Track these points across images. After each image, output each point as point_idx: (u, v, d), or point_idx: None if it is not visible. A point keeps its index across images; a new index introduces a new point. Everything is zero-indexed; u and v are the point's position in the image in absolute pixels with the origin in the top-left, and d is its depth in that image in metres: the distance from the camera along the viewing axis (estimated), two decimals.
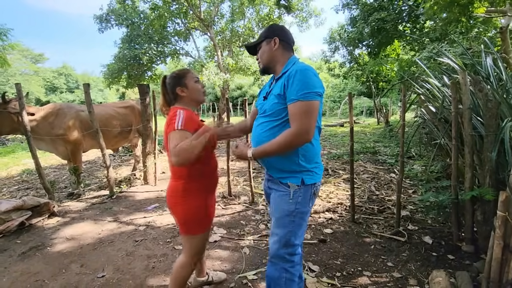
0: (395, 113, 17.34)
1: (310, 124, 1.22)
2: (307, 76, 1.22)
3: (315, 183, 1.38)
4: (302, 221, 1.38)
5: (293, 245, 1.37)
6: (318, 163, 1.42)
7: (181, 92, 1.50)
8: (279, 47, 1.40)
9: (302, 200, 1.35)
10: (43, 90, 36.75)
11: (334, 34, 14.30)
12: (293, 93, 1.22)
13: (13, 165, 6.74)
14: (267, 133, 1.35)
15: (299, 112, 1.21)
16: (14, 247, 2.56)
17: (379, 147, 6.88)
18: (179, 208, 1.48)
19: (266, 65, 1.45)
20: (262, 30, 1.48)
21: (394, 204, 3.27)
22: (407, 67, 8.04)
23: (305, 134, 1.21)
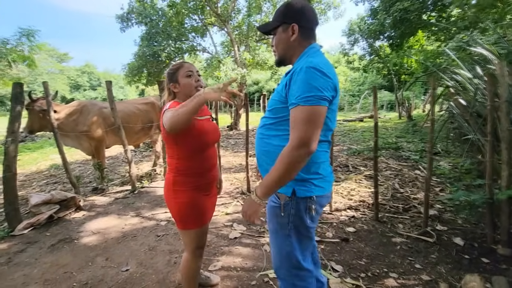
0: (418, 107, 16.70)
1: (311, 133, 1.00)
2: (312, 76, 1.01)
3: (311, 197, 1.14)
4: (301, 237, 1.19)
5: (296, 260, 1.20)
6: (321, 174, 1.18)
7: (174, 89, 1.49)
8: (298, 36, 1.17)
9: (296, 213, 1.15)
10: (68, 88, 38.32)
11: (354, 26, 13.84)
12: (293, 96, 1.04)
13: (41, 160, 7.06)
14: (263, 129, 1.24)
15: (298, 119, 1.02)
16: (44, 239, 2.67)
17: (401, 143, 6.62)
18: (171, 202, 1.48)
19: (282, 57, 1.25)
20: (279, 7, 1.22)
21: (420, 203, 3.13)
22: (433, 58, 7.66)
23: (305, 145, 1.00)
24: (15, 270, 2.19)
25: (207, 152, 1.50)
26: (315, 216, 1.20)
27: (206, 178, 1.52)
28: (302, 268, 1.22)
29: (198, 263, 1.61)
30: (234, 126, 11.40)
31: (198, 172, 1.47)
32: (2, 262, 2.30)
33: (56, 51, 39.28)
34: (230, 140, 8.74)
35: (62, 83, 36.77)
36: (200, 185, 1.48)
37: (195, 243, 1.53)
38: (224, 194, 3.74)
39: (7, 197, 2.84)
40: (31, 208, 3.01)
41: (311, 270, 1.26)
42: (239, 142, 8.30)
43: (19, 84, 2.85)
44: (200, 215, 1.50)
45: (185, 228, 1.50)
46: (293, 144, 1.01)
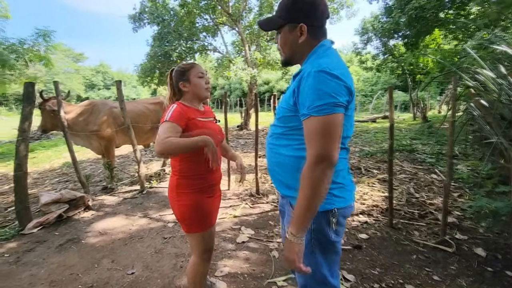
0: (433, 108, 16.22)
1: (329, 146, 0.89)
2: (322, 81, 0.89)
3: (332, 210, 1.03)
4: (327, 252, 1.08)
5: (324, 278, 1.09)
6: (341, 183, 1.07)
7: (183, 87, 1.47)
8: (307, 37, 1.04)
9: (318, 228, 1.04)
10: (83, 88, 39.21)
11: (367, 25, 13.54)
12: (304, 106, 0.92)
13: (55, 158, 7.20)
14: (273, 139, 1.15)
15: (313, 132, 0.91)
16: (52, 239, 2.68)
17: (416, 145, 6.40)
18: (175, 205, 1.45)
19: (288, 58, 1.13)
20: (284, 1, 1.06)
21: (437, 209, 2.98)
22: (450, 58, 7.38)
23: (324, 160, 0.89)
24: (23, 269, 2.19)
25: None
26: (339, 229, 1.08)
27: (209, 180, 1.49)
28: (329, 284, 1.11)
29: (206, 268, 1.57)
30: (244, 126, 11.35)
31: (202, 174, 1.45)
32: (10, 261, 2.31)
33: (72, 51, 40.29)
34: (240, 140, 8.69)
35: (78, 83, 37.65)
36: (203, 187, 1.46)
37: (202, 246, 1.50)
38: (233, 196, 3.68)
39: (18, 195, 2.86)
40: (41, 207, 3.03)
41: (337, 286, 1.15)
42: (249, 142, 8.24)
43: (31, 83, 2.86)
44: (204, 217, 1.47)
45: (190, 231, 1.48)
46: (311, 162, 0.90)
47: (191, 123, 1.38)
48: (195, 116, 1.42)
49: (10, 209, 3.47)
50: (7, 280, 2.05)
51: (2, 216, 3.35)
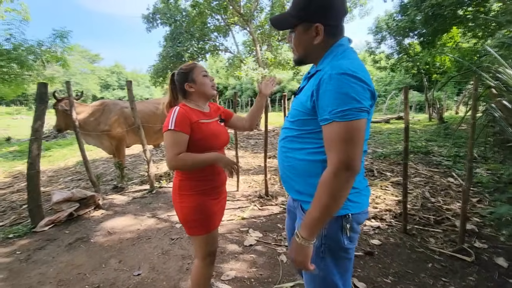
0: (450, 109, 15.71)
1: (353, 153, 0.84)
2: (347, 85, 0.83)
3: (346, 215, 0.98)
4: (339, 260, 1.02)
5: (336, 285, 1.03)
6: (357, 188, 1.01)
7: (189, 88, 1.44)
8: (323, 37, 0.97)
9: (329, 234, 0.99)
10: (98, 88, 40.23)
11: (381, 24, 13.22)
12: (325, 110, 0.87)
13: (70, 156, 7.37)
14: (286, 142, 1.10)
15: (336, 138, 0.85)
16: (62, 237, 2.71)
17: (432, 147, 6.17)
18: (177, 206, 1.43)
19: (302, 58, 1.07)
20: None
21: (455, 215, 2.84)
22: (469, 56, 7.09)
23: (348, 168, 0.84)
24: (33, 267, 2.22)
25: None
26: (354, 235, 1.02)
27: (213, 182, 1.46)
28: None
29: (209, 271, 1.54)
30: (255, 126, 11.32)
31: (205, 176, 1.42)
32: (21, 258, 2.35)
33: (88, 52, 41.45)
34: (250, 141, 8.66)
35: (93, 83, 38.69)
36: (207, 189, 1.43)
37: (204, 249, 1.48)
38: (241, 197, 3.64)
39: (30, 194, 2.91)
40: (53, 205, 3.08)
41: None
42: (259, 142, 8.20)
43: (44, 84, 2.91)
44: (207, 220, 1.43)
45: (192, 234, 1.45)
46: (334, 170, 0.85)
47: (195, 126, 1.35)
48: (198, 119, 1.38)
49: (25, 206, 3.55)
50: (17, 278, 2.08)
51: (16, 213, 3.43)
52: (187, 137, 1.32)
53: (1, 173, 5.78)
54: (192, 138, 1.34)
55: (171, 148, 1.29)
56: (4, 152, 8.11)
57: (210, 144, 1.40)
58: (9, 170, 5.99)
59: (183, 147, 1.31)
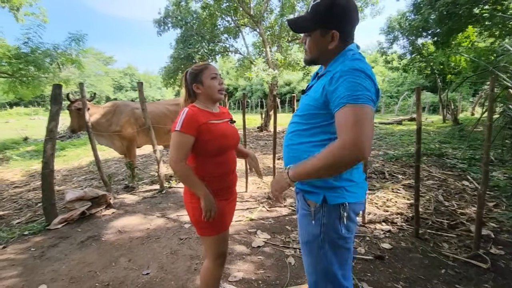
0: (465, 110, 15.28)
1: (364, 136, 0.88)
2: (359, 76, 0.94)
3: (343, 204, 1.06)
4: (337, 248, 1.10)
5: (334, 276, 1.11)
6: (354, 181, 1.10)
7: (196, 89, 1.45)
8: (337, 43, 1.06)
9: (327, 222, 1.08)
10: (112, 89, 41.09)
11: (393, 23, 12.99)
12: (340, 97, 0.94)
13: (83, 156, 7.55)
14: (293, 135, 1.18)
15: (350, 119, 0.90)
16: (75, 235, 2.77)
17: (446, 149, 6.00)
18: (189, 207, 1.45)
19: (314, 59, 1.15)
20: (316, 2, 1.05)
21: (469, 220, 2.75)
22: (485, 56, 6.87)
23: (358, 149, 0.88)
24: (46, 264, 2.28)
25: (226, 156, 1.46)
26: (351, 224, 1.11)
27: (224, 183, 1.47)
28: (341, 285, 1.12)
29: (219, 272, 1.54)
30: (264, 127, 11.30)
31: (216, 176, 1.43)
32: (36, 255, 2.42)
33: (102, 54, 42.44)
34: (259, 142, 8.65)
35: (107, 84, 39.54)
36: (217, 189, 1.43)
37: (215, 250, 1.48)
38: (250, 198, 3.64)
39: (45, 192, 2.99)
40: (66, 204, 3.16)
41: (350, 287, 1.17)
42: (268, 143, 8.18)
43: (58, 85, 3.00)
44: (217, 221, 1.43)
45: (203, 234, 1.46)
46: (345, 144, 0.90)
47: (204, 127, 1.36)
48: (207, 120, 1.39)
49: (40, 204, 3.64)
50: (31, 274, 2.14)
51: (32, 211, 3.54)
52: (193, 139, 1.34)
53: (19, 172, 5.98)
54: (202, 139, 1.35)
55: (175, 149, 1.32)
56: (21, 152, 8.39)
57: (220, 144, 1.41)
58: (26, 169, 6.19)
59: (187, 148, 1.33)
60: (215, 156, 1.42)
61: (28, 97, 9.84)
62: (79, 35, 9.66)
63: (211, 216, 1.37)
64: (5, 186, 4.90)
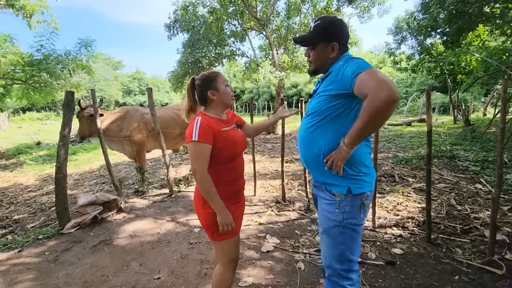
0: (476, 110, 14.97)
1: (386, 79, 1.02)
2: (358, 60, 1.18)
3: (364, 193, 1.26)
4: (354, 233, 1.28)
5: (349, 260, 1.28)
6: (369, 167, 1.29)
7: (212, 96, 1.46)
8: (337, 53, 1.31)
9: (350, 210, 1.25)
10: (121, 93, 41.77)
11: (401, 23, 12.85)
12: (350, 75, 1.12)
13: (94, 160, 7.69)
14: (308, 132, 1.32)
15: (367, 77, 1.06)
16: (87, 239, 2.82)
17: (457, 151, 5.89)
18: (201, 212, 1.46)
19: (318, 68, 1.38)
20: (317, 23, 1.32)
21: (483, 224, 2.69)
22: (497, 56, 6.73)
23: (387, 87, 0.99)
24: (60, 268, 2.32)
25: (236, 162, 1.50)
26: (366, 211, 1.30)
27: (234, 187, 1.51)
28: (353, 270, 1.29)
29: (231, 277, 1.55)
30: (272, 130, 11.30)
31: (227, 181, 1.46)
32: (50, 259, 2.47)
33: (111, 59, 43.24)
34: (267, 145, 8.66)
35: (116, 89, 40.22)
36: (229, 194, 1.46)
37: (227, 254, 1.50)
38: (258, 202, 3.64)
39: (58, 197, 3.06)
40: (78, 208, 3.22)
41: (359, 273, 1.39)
42: (276, 146, 8.18)
43: (71, 92, 3.07)
44: None
45: (215, 239, 1.47)
46: (374, 92, 1.01)
47: (218, 135, 1.38)
48: (219, 127, 1.42)
49: (53, 208, 3.73)
50: (46, 278, 2.19)
51: (46, 215, 3.62)
52: (210, 147, 1.36)
53: (32, 176, 6.13)
54: (215, 147, 1.38)
55: (196, 160, 1.34)
56: (34, 156, 8.60)
57: (232, 151, 1.44)
58: (39, 173, 6.34)
59: (207, 158, 1.36)
60: (227, 162, 1.45)
61: (41, 103, 10.07)
62: (88, 40, 9.89)
63: (228, 231, 1.39)
64: (20, 190, 5.03)
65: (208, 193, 1.36)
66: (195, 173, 1.35)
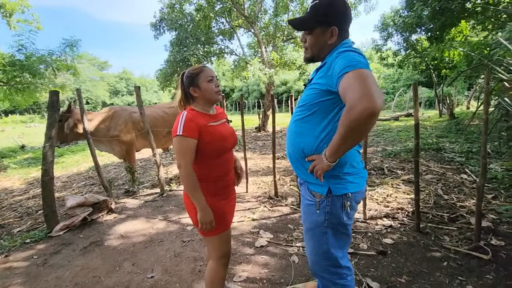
0: (461, 104, 15.38)
1: (369, 87, 0.90)
2: (351, 54, 1.04)
3: (347, 194, 1.16)
4: (338, 233, 1.22)
5: (335, 256, 1.25)
6: (355, 168, 1.20)
7: (193, 93, 1.46)
8: (336, 39, 1.15)
9: (332, 211, 1.18)
10: (108, 94, 40.92)
11: (387, 20, 13.08)
12: (338, 72, 1.01)
13: (82, 162, 7.52)
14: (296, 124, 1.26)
15: (352, 80, 0.95)
16: (77, 241, 2.77)
17: (443, 143, 6.06)
18: (191, 208, 1.45)
19: (315, 56, 1.23)
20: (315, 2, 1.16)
21: (469, 212, 2.78)
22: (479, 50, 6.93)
23: (367, 100, 0.88)
24: (49, 271, 2.27)
25: (224, 157, 1.49)
26: (351, 212, 1.21)
27: (223, 182, 1.50)
28: (341, 266, 1.26)
29: (224, 273, 1.56)
30: (262, 128, 11.32)
31: (215, 177, 1.46)
32: (38, 263, 2.41)
33: (97, 59, 42.26)
34: (258, 142, 8.67)
35: (103, 89, 39.39)
36: (217, 190, 1.47)
37: (218, 250, 1.50)
38: (251, 199, 3.65)
39: (45, 200, 2.98)
40: (67, 210, 3.15)
41: (350, 267, 1.31)
42: (267, 143, 8.20)
43: (55, 92, 2.99)
44: (220, 220, 1.46)
45: (206, 235, 1.47)
46: (354, 102, 0.91)
47: (204, 130, 1.37)
48: (206, 122, 1.41)
49: (40, 212, 3.63)
50: (35, 282, 2.13)
51: (33, 219, 3.52)
52: (195, 142, 1.35)
53: (17, 180, 5.95)
54: (202, 141, 1.37)
55: (181, 155, 1.33)
56: (19, 160, 8.34)
57: (219, 146, 1.43)
58: (25, 177, 6.16)
59: (192, 152, 1.34)
60: (216, 157, 1.44)
61: (24, 105, 9.77)
62: (73, 40, 9.64)
63: (207, 229, 1.38)
64: (4, 194, 4.88)
65: (192, 189, 1.35)
66: (180, 168, 1.34)
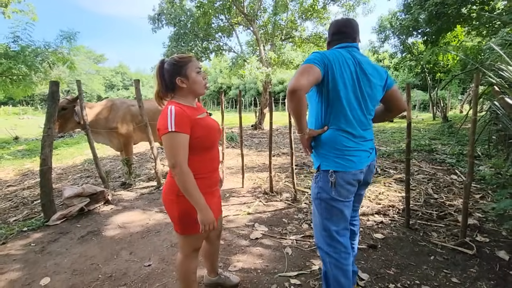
0: (454, 107, 15.65)
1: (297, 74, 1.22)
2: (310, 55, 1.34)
3: (329, 170, 1.35)
4: (329, 207, 1.38)
5: (329, 230, 1.39)
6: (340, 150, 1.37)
7: (180, 83, 1.32)
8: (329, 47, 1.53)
9: (323, 185, 1.37)
10: (103, 88, 40.58)
11: (385, 23, 13.25)
12: None
13: (77, 154, 7.49)
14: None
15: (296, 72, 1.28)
16: (74, 231, 2.80)
17: (435, 145, 6.21)
18: (173, 206, 1.36)
19: None
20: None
21: (457, 210, 2.89)
22: (473, 55, 7.09)
23: (291, 81, 1.21)
24: (48, 258, 2.31)
25: (213, 152, 1.44)
26: (340, 189, 1.35)
27: (211, 180, 1.44)
28: (335, 239, 1.39)
29: (196, 262, 1.55)
30: (259, 125, 11.38)
31: (203, 174, 1.38)
32: (36, 250, 2.44)
33: (93, 53, 41.86)
34: (254, 139, 8.73)
35: (98, 83, 39.04)
36: (206, 187, 1.38)
37: (192, 247, 1.47)
38: (247, 194, 3.71)
39: (43, 189, 3.00)
40: (64, 200, 3.17)
41: (345, 245, 1.41)
42: (263, 141, 8.26)
43: (56, 82, 3.01)
44: None
45: (185, 233, 1.41)
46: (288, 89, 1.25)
47: (194, 123, 1.29)
48: (193, 115, 1.31)
49: (36, 202, 3.66)
50: (33, 268, 2.17)
51: (29, 208, 3.54)
52: (188, 137, 1.25)
53: (11, 171, 5.92)
54: (194, 135, 1.28)
55: (174, 152, 1.21)
56: (13, 151, 8.27)
57: (209, 139, 1.38)
58: (19, 168, 6.13)
59: (186, 149, 1.25)
60: (204, 153, 1.37)
61: (19, 96, 9.64)
62: (70, 33, 9.54)
63: (210, 230, 1.31)
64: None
65: (191, 188, 1.24)
66: (175, 168, 1.21)
